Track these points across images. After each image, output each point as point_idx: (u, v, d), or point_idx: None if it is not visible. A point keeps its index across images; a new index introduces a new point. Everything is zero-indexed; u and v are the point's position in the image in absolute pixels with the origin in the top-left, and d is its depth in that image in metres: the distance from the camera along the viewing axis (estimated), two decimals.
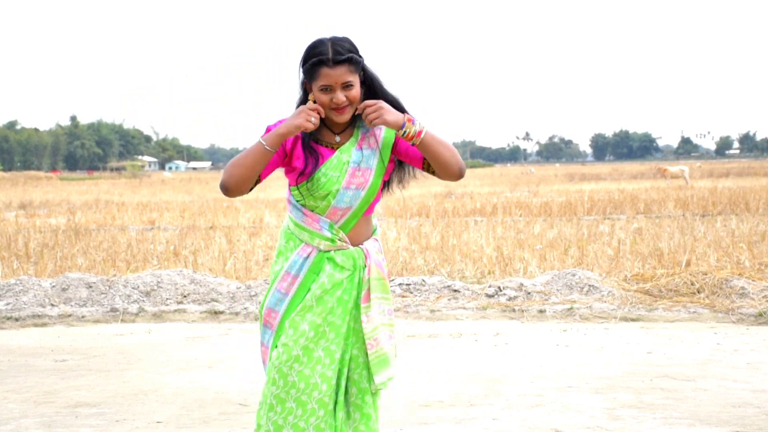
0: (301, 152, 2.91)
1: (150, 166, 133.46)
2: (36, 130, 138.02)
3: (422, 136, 2.87)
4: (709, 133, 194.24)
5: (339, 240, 2.94)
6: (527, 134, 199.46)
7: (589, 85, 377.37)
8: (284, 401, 2.85)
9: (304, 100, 2.96)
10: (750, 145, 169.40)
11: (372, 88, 2.95)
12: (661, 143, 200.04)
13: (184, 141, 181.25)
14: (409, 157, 2.99)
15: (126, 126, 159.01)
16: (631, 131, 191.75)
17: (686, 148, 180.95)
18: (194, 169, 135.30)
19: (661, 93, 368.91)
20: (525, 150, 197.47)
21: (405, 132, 2.85)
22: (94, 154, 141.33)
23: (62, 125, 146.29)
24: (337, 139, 2.95)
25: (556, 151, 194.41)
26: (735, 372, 5.66)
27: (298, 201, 2.98)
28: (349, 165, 2.91)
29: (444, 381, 5.53)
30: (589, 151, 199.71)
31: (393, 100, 2.97)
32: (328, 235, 2.93)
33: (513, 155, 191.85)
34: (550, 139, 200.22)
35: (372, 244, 3.02)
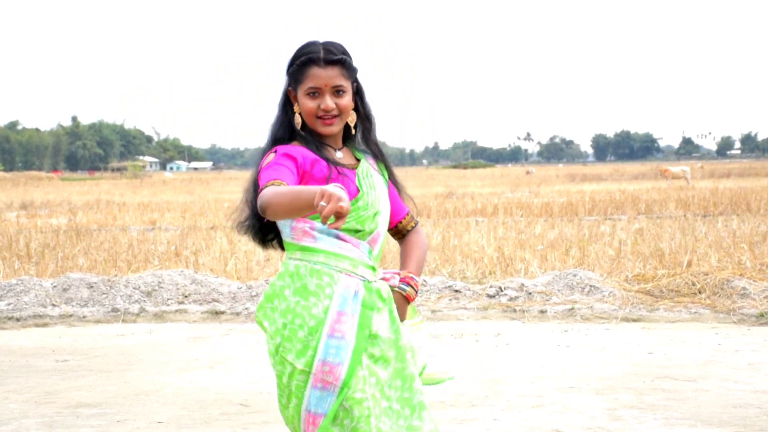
0: (326, 170, 2.48)
1: (151, 166, 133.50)
2: (37, 130, 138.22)
3: (414, 276, 2.61)
4: (710, 133, 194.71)
5: (377, 264, 2.56)
6: (528, 135, 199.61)
7: (590, 86, 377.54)
8: None
9: (283, 111, 2.59)
10: (751, 145, 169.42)
11: (362, 108, 2.61)
12: (662, 144, 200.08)
13: (185, 141, 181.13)
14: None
15: (127, 126, 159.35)
16: (632, 132, 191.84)
17: (687, 149, 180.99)
18: (195, 169, 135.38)
19: (662, 93, 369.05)
20: (526, 150, 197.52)
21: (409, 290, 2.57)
22: (95, 155, 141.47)
23: (63, 125, 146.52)
24: (339, 155, 2.57)
25: (557, 151, 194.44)
26: (736, 372, 5.66)
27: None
28: (384, 188, 2.59)
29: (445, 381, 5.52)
30: (590, 151, 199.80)
31: (374, 127, 2.65)
32: (370, 262, 2.52)
33: (514, 155, 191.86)
34: (551, 139, 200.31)
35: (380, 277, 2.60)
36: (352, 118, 2.59)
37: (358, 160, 2.61)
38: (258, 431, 4.59)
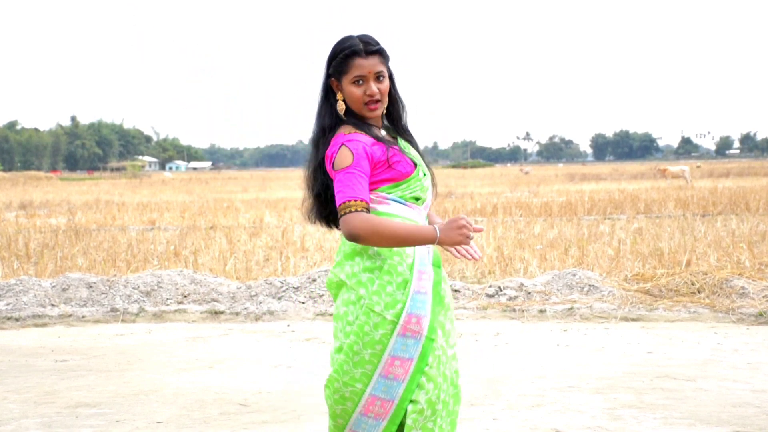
0: (398, 155, 2.80)
1: (150, 166, 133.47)
2: (36, 130, 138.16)
3: None
4: (709, 133, 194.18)
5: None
6: (527, 134, 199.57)
7: (589, 85, 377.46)
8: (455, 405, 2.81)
9: (325, 101, 2.86)
10: (750, 145, 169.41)
11: (394, 92, 2.92)
12: (661, 143, 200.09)
13: (184, 141, 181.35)
14: None
15: (126, 126, 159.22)
16: (631, 131, 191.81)
17: (686, 148, 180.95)
18: (195, 169, 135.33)
19: (661, 93, 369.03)
20: (525, 150, 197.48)
21: None
22: (95, 155, 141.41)
23: (62, 125, 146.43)
24: (383, 132, 2.89)
25: (556, 151, 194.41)
26: (735, 372, 5.66)
27: (401, 197, 2.79)
28: (425, 164, 2.92)
29: None
30: (589, 151, 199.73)
31: (404, 109, 2.95)
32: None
33: (513, 155, 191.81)
34: (551, 139, 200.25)
35: None
36: (385, 101, 2.87)
37: (394, 137, 2.91)
38: (257, 431, 4.59)
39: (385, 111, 2.90)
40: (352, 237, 2.62)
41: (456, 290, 8.34)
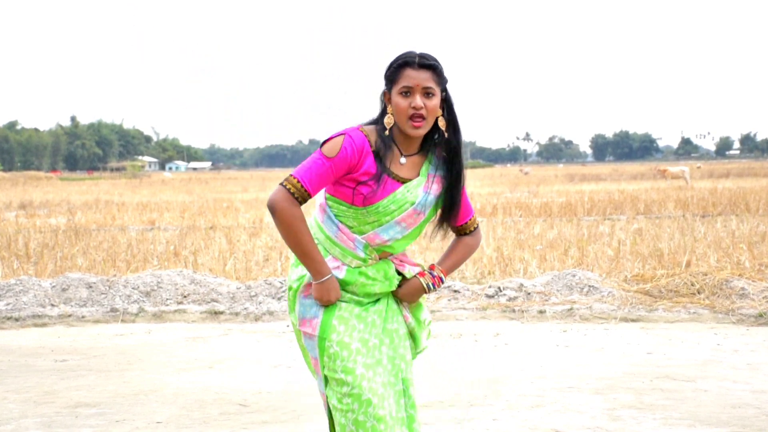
0: (372, 170, 2.78)
1: (150, 166, 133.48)
2: (36, 130, 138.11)
3: (443, 277, 3.01)
4: (709, 133, 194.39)
5: (371, 259, 2.88)
6: (527, 135, 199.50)
7: (589, 86, 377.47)
8: (364, 423, 2.75)
9: (380, 117, 2.86)
10: (750, 145, 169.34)
11: (449, 115, 2.86)
12: (661, 144, 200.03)
13: (184, 141, 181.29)
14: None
15: (126, 126, 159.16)
16: (631, 132, 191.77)
17: (686, 149, 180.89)
18: (194, 169, 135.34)
19: (661, 93, 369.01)
20: (525, 150, 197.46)
21: (431, 289, 2.97)
22: (94, 155, 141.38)
23: (62, 125, 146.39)
24: (402, 161, 2.84)
25: (556, 151, 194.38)
26: (735, 373, 5.66)
27: (336, 216, 2.86)
28: (412, 206, 2.84)
29: (444, 381, 5.53)
30: (589, 151, 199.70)
31: (460, 136, 2.90)
32: (362, 255, 2.87)
33: (513, 156, 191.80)
34: (551, 139, 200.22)
35: (401, 256, 2.98)
36: (443, 123, 2.85)
37: (419, 174, 2.88)
38: (257, 431, 4.59)
39: (444, 140, 2.87)
40: (269, 206, 2.76)
41: (456, 291, 8.34)
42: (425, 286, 2.94)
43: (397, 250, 2.92)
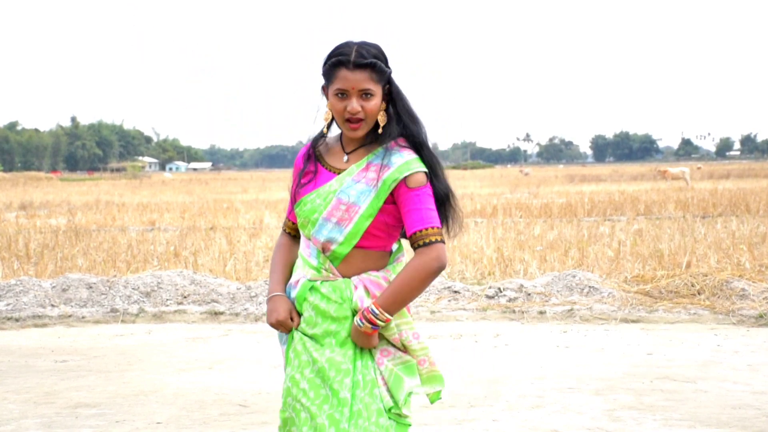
0: (311, 168, 2.66)
1: (150, 166, 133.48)
2: (36, 130, 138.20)
3: (390, 319, 2.51)
4: (709, 134, 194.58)
5: (325, 270, 2.59)
6: (527, 135, 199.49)
7: (589, 87, 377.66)
8: None
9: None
10: (751, 146, 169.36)
11: (398, 107, 2.60)
12: (661, 144, 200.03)
13: (184, 142, 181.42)
14: (399, 214, 2.58)
15: (126, 127, 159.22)
16: (631, 132, 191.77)
17: (687, 150, 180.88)
18: (195, 169, 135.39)
19: (661, 94, 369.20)
20: (525, 151, 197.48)
21: (359, 325, 2.51)
22: (95, 155, 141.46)
23: (63, 126, 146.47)
24: (345, 159, 2.62)
25: (556, 152, 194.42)
26: (735, 373, 5.66)
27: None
28: (335, 195, 2.56)
29: (444, 382, 5.52)
30: (589, 152, 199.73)
31: (416, 125, 2.60)
32: (314, 263, 2.61)
33: (513, 156, 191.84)
34: (551, 140, 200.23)
35: (369, 277, 2.57)
36: (383, 119, 2.59)
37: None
38: None
39: (390, 131, 2.59)
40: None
41: (456, 291, 8.35)
42: (357, 321, 2.52)
43: (351, 262, 2.57)
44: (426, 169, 2.56)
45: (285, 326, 2.62)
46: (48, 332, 7.58)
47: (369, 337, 2.52)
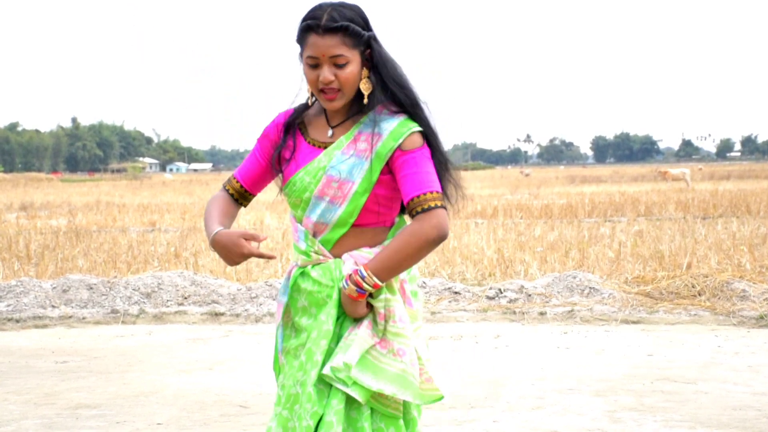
0: (290, 142, 2.43)
1: (151, 167, 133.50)
2: (37, 131, 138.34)
3: (379, 285, 2.28)
4: (710, 135, 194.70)
5: (315, 253, 2.37)
6: (528, 136, 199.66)
7: (589, 88, 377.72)
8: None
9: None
10: (751, 147, 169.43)
11: (380, 74, 2.34)
12: (662, 146, 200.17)
13: (185, 143, 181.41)
14: (397, 184, 2.35)
15: (127, 127, 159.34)
16: (631, 133, 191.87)
17: (687, 151, 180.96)
18: (195, 170, 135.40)
19: (662, 95, 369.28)
20: (526, 152, 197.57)
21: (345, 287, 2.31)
22: (95, 156, 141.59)
23: (63, 127, 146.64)
24: (330, 133, 2.39)
25: (556, 153, 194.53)
26: (736, 375, 5.66)
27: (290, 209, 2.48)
28: (325, 172, 2.34)
29: (444, 383, 5.53)
30: (589, 153, 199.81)
31: (406, 91, 2.36)
32: (303, 247, 2.38)
33: (514, 157, 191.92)
34: (551, 141, 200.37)
35: (360, 253, 2.36)
36: (366, 87, 2.34)
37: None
38: None
39: (377, 99, 2.36)
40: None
41: (456, 292, 8.34)
42: (342, 284, 2.32)
43: (344, 241, 2.36)
44: (421, 128, 2.34)
45: (250, 254, 2.32)
46: (48, 333, 7.58)
47: (356, 304, 2.29)
